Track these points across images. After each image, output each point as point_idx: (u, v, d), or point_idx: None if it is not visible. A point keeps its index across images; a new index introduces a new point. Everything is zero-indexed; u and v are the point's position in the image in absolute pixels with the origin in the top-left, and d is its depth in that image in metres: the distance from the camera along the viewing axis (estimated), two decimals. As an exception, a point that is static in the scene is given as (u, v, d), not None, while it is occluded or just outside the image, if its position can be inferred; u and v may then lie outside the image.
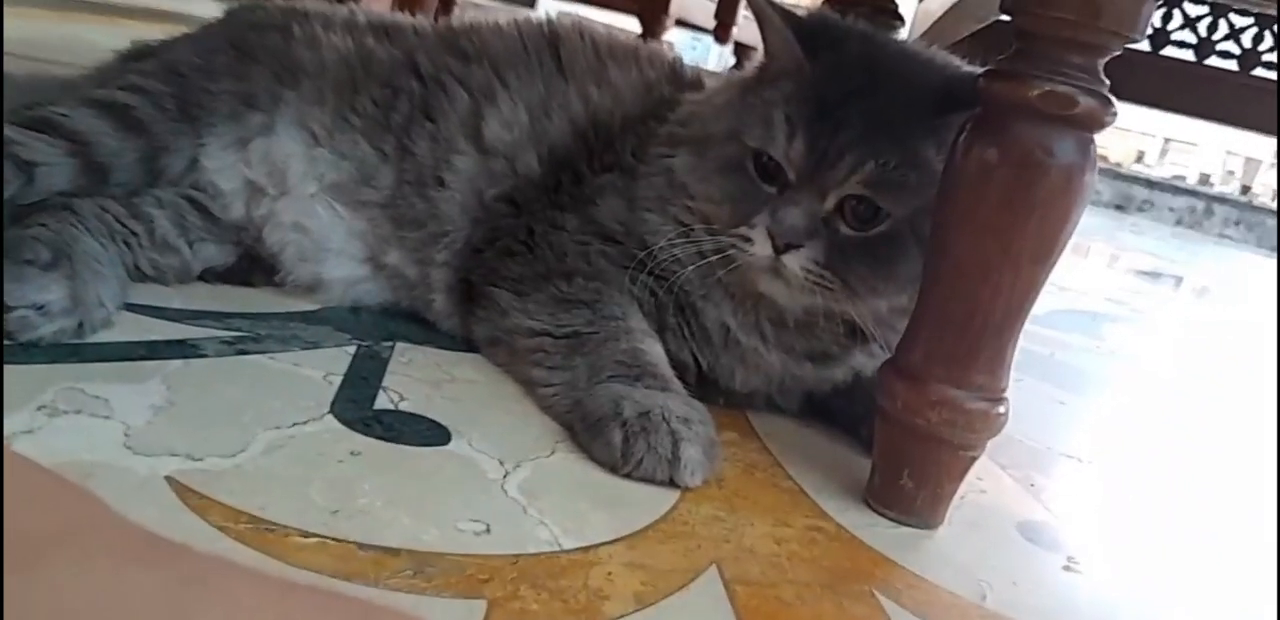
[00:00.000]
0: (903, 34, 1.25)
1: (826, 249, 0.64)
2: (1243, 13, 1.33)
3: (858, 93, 0.64)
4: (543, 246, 0.72)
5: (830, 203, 0.64)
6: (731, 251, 0.66)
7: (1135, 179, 5.53)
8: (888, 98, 0.64)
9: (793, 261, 0.64)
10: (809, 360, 0.72)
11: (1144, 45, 1.36)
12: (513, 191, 0.75)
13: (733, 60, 2.92)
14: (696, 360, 0.72)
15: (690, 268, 0.68)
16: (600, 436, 0.59)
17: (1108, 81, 0.57)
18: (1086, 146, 0.57)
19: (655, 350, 0.68)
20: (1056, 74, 0.55)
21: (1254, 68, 1.37)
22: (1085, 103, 0.55)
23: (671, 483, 0.58)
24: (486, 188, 0.75)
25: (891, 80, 0.65)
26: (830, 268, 0.64)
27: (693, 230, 0.69)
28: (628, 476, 0.58)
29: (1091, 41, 0.55)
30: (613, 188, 0.74)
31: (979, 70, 0.66)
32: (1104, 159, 6.74)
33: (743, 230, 0.65)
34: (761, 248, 0.64)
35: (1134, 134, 7.38)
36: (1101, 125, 0.57)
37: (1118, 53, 0.57)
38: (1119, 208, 5.34)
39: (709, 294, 0.70)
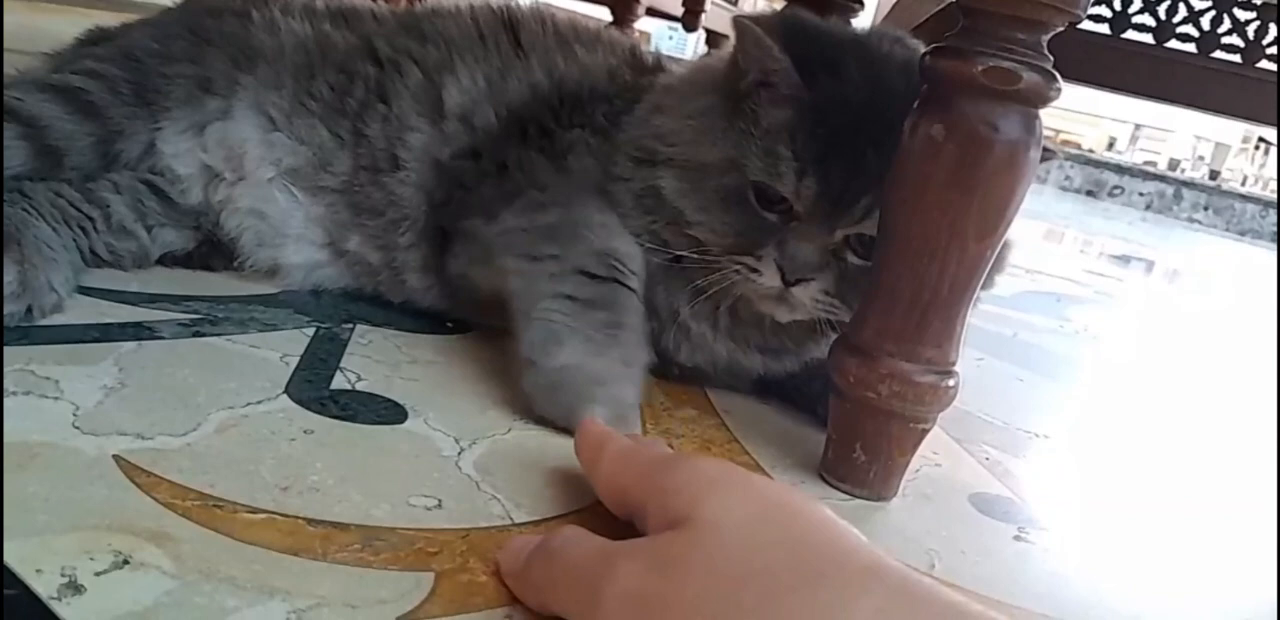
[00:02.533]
0: (864, 17, 1.25)
1: (836, 279, 0.65)
2: (1201, -5, 1.34)
3: (865, 124, 0.62)
4: (514, 169, 0.72)
5: (839, 236, 0.64)
6: (736, 278, 0.65)
7: (1106, 165, 5.58)
8: (897, 126, 0.60)
9: (803, 293, 0.64)
10: (759, 353, 0.73)
11: (1104, 28, 1.37)
12: (474, 145, 0.75)
13: (705, 49, 2.92)
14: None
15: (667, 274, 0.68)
16: (526, 374, 0.62)
17: (1051, 57, 0.57)
18: (1031, 122, 0.57)
19: (629, 250, 0.67)
20: (1000, 50, 0.56)
21: (1213, 50, 1.38)
22: (1029, 78, 0.56)
23: (569, 433, 0.57)
24: (442, 150, 0.75)
25: (898, 105, 0.61)
26: (839, 296, 0.65)
27: (689, 259, 0.67)
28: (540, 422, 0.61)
29: (1034, 17, 0.56)
30: (584, 145, 0.73)
31: None
32: (1076, 146, 6.79)
33: (749, 261, 0.65)
34: (770, 279, 0.64)
35: (1106, 121, 7.44)
36: (1046, 101, 0.57)
37: (1061, 28, 0.58)
38: (1090, 193, 5.39)
39: (668, 283, 0.69)
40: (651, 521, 0.42)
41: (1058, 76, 0.57)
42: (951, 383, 0.60)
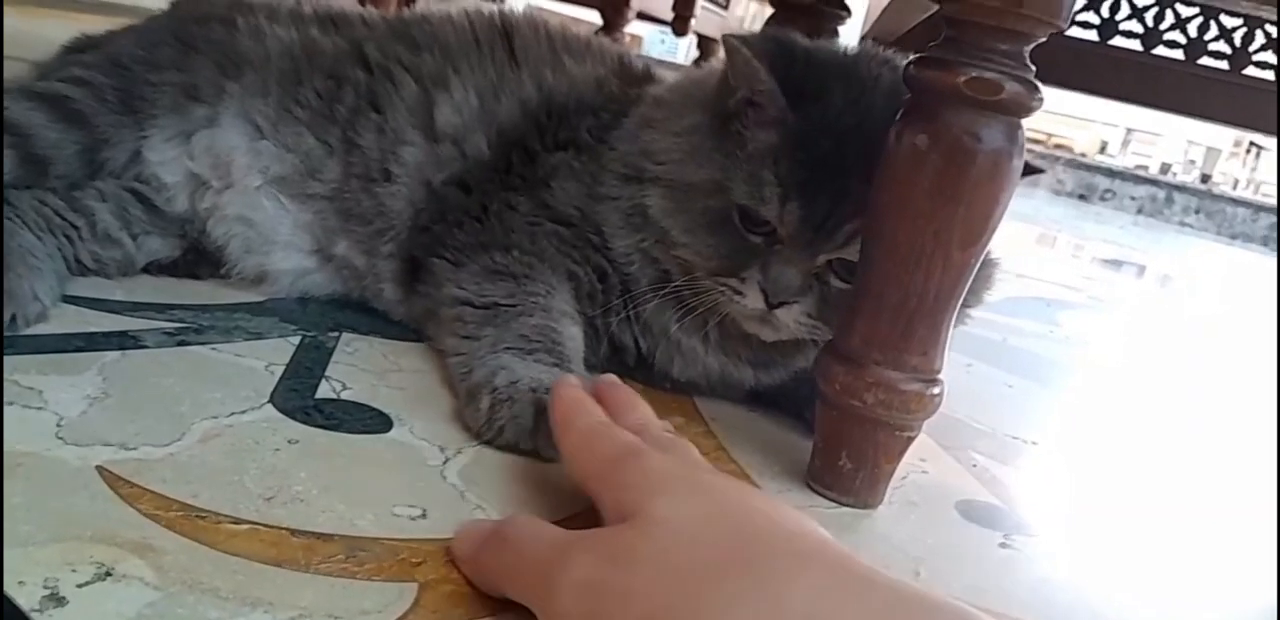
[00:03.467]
0: (853, 25, 1.26)
1: (818, 302, 0.65)
2: (1188, 3, 1.35)
3: (849, 150, 0.62)
4: (493, 219, 0.72)
5: (821, 261, 0.65)
6: (720, 299, 0.66)
7: (1098, 169, 5.60)
8: (881, 151, 0.59)
9: (786, 315, 0.65)
10: (750, 366, 0.73)
11: (1093, 35, 1.38)
12: (464, 174, 0.75)
13: (697, 53, 2.93)
14: (638, 344, 0.72)
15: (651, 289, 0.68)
16: (471, 404, 0.60)
17: (1034, 67, 0.58)
18: (1014, 132, 0.58)
19: (569, 331, 0.67)
20: (983, 60, 0.56)
21: (1200, 57, 1.39)
22: (1011, 88, 0.56)
23: (536, 454, 0.58)
24: (435, 174, 0.75)
25: (882, 130, 0.59)
26: (821, 318, 0.65)
27: (676, 283, 0.68)
28: (489, 443, 0.58)
29: (1017, 28, 0.56)
30: (568, 168, 0.73)
31: None
32: (1068, 150, 6.82)
33: (733, 282, 0.65)
34: (754, 301, 0.65)
35: (1097, 125, 7.47)
36: (1028, 111, 0.58)
37: (1043, 39, 0.58)
38: (1082, 197, 5.40)
39: (660, 303, 0.70)
40: (607, 514, 0.43)
41: (1039, 86, 0.58)
42: (937, 390, 0.61)
